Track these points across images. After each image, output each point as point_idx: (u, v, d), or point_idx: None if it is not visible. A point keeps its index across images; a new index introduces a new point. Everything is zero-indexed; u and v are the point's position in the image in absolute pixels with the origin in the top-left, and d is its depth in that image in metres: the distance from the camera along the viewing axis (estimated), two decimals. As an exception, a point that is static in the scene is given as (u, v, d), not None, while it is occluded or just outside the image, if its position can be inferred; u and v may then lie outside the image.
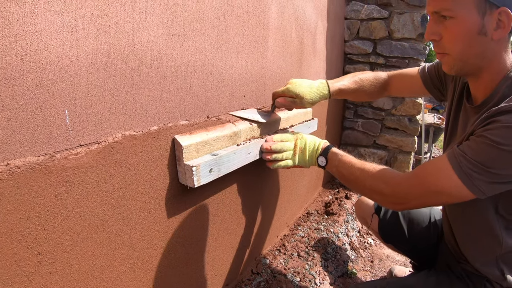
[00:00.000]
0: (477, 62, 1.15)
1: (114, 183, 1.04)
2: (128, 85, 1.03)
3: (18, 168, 0.79)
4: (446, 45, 1.17)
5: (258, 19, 1.65)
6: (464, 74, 1.26)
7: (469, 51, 1.13)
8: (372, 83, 1.82)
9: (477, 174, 1.05)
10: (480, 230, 1.31)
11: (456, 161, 1.09)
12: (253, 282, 1.91)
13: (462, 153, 1.09)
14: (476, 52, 1.13)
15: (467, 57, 1.14)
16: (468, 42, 1.11)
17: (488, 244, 1.29)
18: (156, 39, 1.10)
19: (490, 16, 1.06)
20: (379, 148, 3.53)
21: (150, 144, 1.14)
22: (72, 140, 0.91)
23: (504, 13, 1.04)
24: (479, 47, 1.11)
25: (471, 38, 1.10)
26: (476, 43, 1.11)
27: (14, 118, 0.77)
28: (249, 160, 1.50)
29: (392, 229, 1.86)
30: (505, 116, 1.01)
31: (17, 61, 0.76)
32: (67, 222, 0.93)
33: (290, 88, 1.59)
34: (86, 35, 0.89)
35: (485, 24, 1.07)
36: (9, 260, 0.81)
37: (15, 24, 0.74)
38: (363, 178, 1.35)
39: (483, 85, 1.21)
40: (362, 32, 3.29)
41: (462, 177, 1.08)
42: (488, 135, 1.03)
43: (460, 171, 1.08)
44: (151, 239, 1.22)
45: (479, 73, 1.19)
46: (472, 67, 1.18)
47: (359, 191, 1.43)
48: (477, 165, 1.05)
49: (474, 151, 1.06)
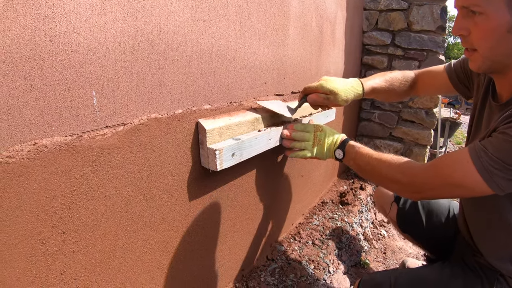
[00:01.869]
0: (504, 60, 1.12)
1: (138, 165, 1.06)
2: (154, 69, 1.04)
3: (45, 147, 0.81)
4: (475, 41, 1.13)
5: (280, 7, 1.65)
6: (491, 72, 1.23)
7: (498, 49, 1.09)
8: (401, 82, 1.76)
9: (498, 171, 1.04)
10: (495, 226, 1.31)
11: (477, 156, 1.09)
12: (268, 268, 1.92)
13: (483, 148, 1.08)
14: (505, 51, 1.09)
15: (495, 55, 1.11)
16: (497, 39, 1.07)
17: (504, 239, 1.29)
18: (181, 24, 1.10)
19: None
20: (395, 140, 3.52)
21: (174, 127, 1.15)
22: (99, 121, 0.92)
23: None
24: (508, 45, 1.08)
25: (500, 36, 1.06)
26: (505, 41, 1.06)
27: (42, 98, 0.78)
28: (270, 146, 1.50)
29: (410, 218, 1.85)
30: None
31: (46, 42, 0.77)
32: (92, 202, 0.95)
33: (324, 84, 1.51)
34: (114, 18, 0.90)
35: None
36: (34, 238, 0.83)
37: (45, 6, 0.75)
38: (380, 168, 1.35)
39: (508, 83, 1.18)
40: (380, 23, 3.27)
41: (482, 173, 1.07)
42: (510, 131, 1.02)
43: (480, 166, 1.07)
44: (172, 221, 1.24)
45: (505, 71, 1.16)
46: (500, 65, 1.15)
47: (376, 180, 1.43)
48: (497, 161, 1.04)
49: (496, 147, 1.05)
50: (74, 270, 0.94)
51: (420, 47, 3.16)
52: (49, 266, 0.88)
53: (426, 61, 3.17)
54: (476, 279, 1.38)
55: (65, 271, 0.92)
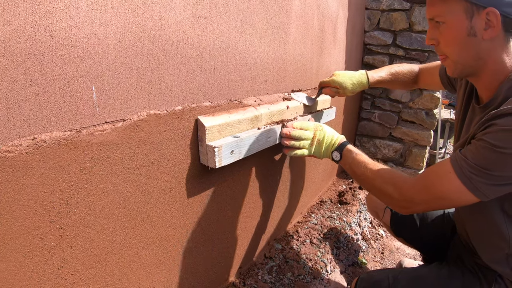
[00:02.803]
0: (473, 63, 1.19)
1: (137, 161, 1.06)
2: (154, 65, 1.04)
3: (44, 142, 0.81)
4: (444, 49, 1.23)
5: (282, 5, 1.64)
6: (465, 76, 1.30)
7: (465, 53, 1.18)
8: (405, 75, 1.98)
9: (478, 177, 1.08)
10: (488, 229, 1.33)
11: (458, 166, 1.13)
12: (266, 266, 1.92)
13: (463, 157, 1.12)
14: (471, 54, 1.17)
15: (464, 59, 1.19)
16: (460, 44, 1.16)
17: (496, 242, 1.31)
18: (182, 21, 1.10)
19: (478, 17, 1.10)
20: (395, 141, 3.52)
21: (173, 124, 1.15)
22: (98, 116, 0.92)
23: (491, 13, 1.07)
24: (472, 48, 1.16)
25: (462, 41, 1.15)
26: (467, 45, 1.15)
27: (42, 93, 0.78)
28: (269, 144, 1.51)
29: (404, 223, 1.87)
30: (503, 120, 1.05)
31: (47, 37, 0.77)
32: (90, 198, 0.95)
33: (335, 79, 1.86)
34: (115, 14, 0.90)
35: (474, 25, 1.11)
36: (32, 233, 0.83)
37: (45, 0, 0.75)
38: (373, 180, 1.38)
39: (484, 85, 1.25)
40: (382, 23, 3.27)
41: (464, 181, 1.11)
42: (487, 138, 1.07)
43: (461, 175, 1.12)
44: (170, 217, 1.24)
45: (478, 74, 1.23)
46: (471, 69, 1.22)
47: (369, 190, 1.49)
48: (477, 168, 1.08)
49: (474, 154, 1.10)
50: (71, 265, 0.94)
51: (422, 47, 3.16)
52: (46, 261, 0.88)
53: (427, 62, 3.16)
54: (475, 279, 1.39)
55: (62, 266, 0.92)
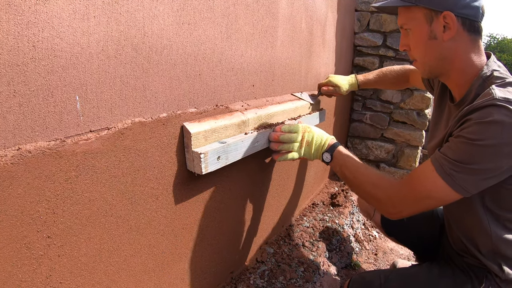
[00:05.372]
0: (439, 63, 1.30)
1: (123, 169, 1.06)
2: (138, 73, 1.04)
3: (29, 152, 0.81)
4: (413, 53, 1.35)
5: (268, 9, 1.65)
6: (435, 76, 1.39)
7: (429, 55, 1.30)
8: (396, 73, 2.15)
9: (459, 173, 1.12)
10: (473, 225, 1.37)
11: (438, 164, 1.18)
12: (258, 270, 1.92)
13: (442, 155, 1.17)
14: (435, 55, 1.28)
15: (429, 60, 1.31)
16: (424, 47, 1.28)
17: (481, 238, 1.35)
18: (166, 27, 1.10)
19: (437, 21, 1.22)
20: (387, 142, 3.53)
21: (159, 131, 1.15)
22: (83, 125, 0.92)
23: (447, 16, 1.19)
24: (435, 50, 1.27)
25: (425, 44, 1.27)
26: (430, 47, 1.27)
27: (25, 103, 0.78)
28: (257, 149, 1.51)
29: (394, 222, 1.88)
30: (476, 114, 1.11)
31: (29, 48, 0.77)
32: (76, 206, 0.94)
33: (331, 79, 2.15)
34: (98, 23, 0.90)
35: (433, 29, 1.23)
36: (19, 242, 0.83)
37: (27, 11, 0.75)
38: (364, 184, 1.41)
39: (454, 84, 1.33)
40: (372, 24, 3.28)
41: (445, 178, 1.15)
42: (463, 134, 1.12)
43: (442, 172, 1.16)
44: (158, 224, 1.24)
45: (447, 73, 1.32)
46: (438, 69, 1.32)
47: (359, 195, 1.50)
48: (457, 164, 1.12)
49: (453, 151, 1.14)
50: (59, 274, 0.94)
51: (411, 48, 3.16)
52: (34, 270, 0.88)
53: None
54: (466, 278, 1.41)
55: (50, 275, 0.92)
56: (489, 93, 1.13)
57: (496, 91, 1.12)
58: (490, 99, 1.10)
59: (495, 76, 1.21)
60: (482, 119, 1.08)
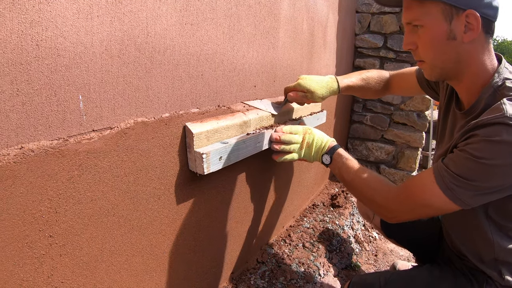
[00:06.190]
0: (454, 66, 1.19)
1: (125, 168, 1.06)
2: (141, 72, 1.04)
3: (32, 151, 0.81)
4: (421, 53, 1.21)
5: (270, 10, 1.65)
6: (445, 79, 1.30)
7: (443, 56, 1.17)
8: (376, 81, 1.89)
9: (459, 188, 1.09)
10: (474, 234, 1.34)
11: (440, 176, 1.14)
12: (258, 271, 1.92)
13: (445, 167, 1.13)
14: (450, 57, 1.16)
15: (442, 62, 1.19)
16: (439, 48, 1.15)
17: (483, 246, 1.32)
18: (169, 28, 1.11)
19: (458, 20, 1.09)
20: (387, 143, 3.53)
21: (161, 131, 1.15)
22: (86, 125, 0.92)
23: (471, 15, 1.07)
24: (452, 51, 1.15)
25: (441, 44, 1.14)
26: (447, 48, 1.15)
27: (29, 102, 0.78)
28: (258, 150, 1.51)
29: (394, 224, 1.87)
30: (483, 130, 1.05)
31: (33, 47, 0.77)
32: (79, 206, 0.95)
33: (301, 83, 1.66)
34: (101, 22, 0.90)
35: (453, 28, 1.11)
36: (21, 242, 0.83)
37: (31, 10, 0.75)
38: (362, 188, 1.39)
39: (465, 89, 1.25)
40: (373, 25, 3.28)
41: (445, 191, 1.12)
42: (469, 149, 1.07)
43: (442, 185, 1.13)
44: (159, 224, 1.24)
45: (459, 77, 1.23)
46: (451, 72, 1.21)
47: (357, 197, 1.48)
48: (458, 178, 1.09)
49: (456, 164, 1.10)
50: (61, 273, 0.94)
51: (412, 50, 3.16)
52: (36, 269, 0.88)
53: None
54: (466, 281, 1.40)
55: (52, 274, 0.92)
56: (500, 109, 1.04)
57: (507, 107, 1.03)
58: (500, 117, 1.02)
59: (507, 87, 1.12)
60: (489, 137, 1.02)
